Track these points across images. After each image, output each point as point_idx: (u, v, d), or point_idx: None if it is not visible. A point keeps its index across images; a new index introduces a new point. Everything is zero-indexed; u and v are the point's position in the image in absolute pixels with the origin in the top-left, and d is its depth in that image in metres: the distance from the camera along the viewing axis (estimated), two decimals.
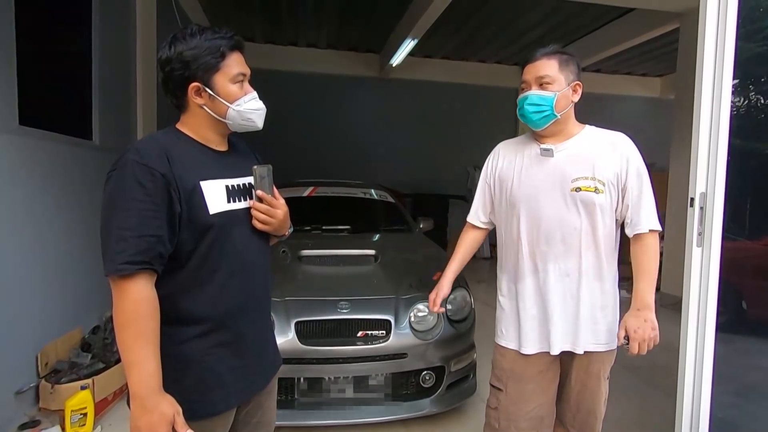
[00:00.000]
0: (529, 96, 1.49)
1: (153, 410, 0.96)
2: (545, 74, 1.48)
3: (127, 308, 0.97)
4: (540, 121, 1.49)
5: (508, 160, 1.61)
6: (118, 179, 1.01)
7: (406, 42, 6.30)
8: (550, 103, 1.47)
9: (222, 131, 1.19)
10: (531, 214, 1.52)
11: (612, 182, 1.48)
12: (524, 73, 1.54)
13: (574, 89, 1.51)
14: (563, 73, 1.49)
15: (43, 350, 2.56)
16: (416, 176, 8.47)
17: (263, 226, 1.21)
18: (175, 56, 1.10)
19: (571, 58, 1.53)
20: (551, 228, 1.49)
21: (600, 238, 1.49)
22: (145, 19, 4.00)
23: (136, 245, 0.97)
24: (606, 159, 1.49)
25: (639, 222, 1.48)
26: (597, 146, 1.51)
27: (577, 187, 1.47)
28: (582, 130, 1.56)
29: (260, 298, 1.26)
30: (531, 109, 1.48)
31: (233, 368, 1.16)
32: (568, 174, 1.48)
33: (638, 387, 3.13)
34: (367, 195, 4.05)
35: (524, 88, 1.53)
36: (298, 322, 2.30)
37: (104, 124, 3.37)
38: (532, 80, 1.50)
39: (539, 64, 1.50)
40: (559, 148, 1.52)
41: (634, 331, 1.39)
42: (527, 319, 1.54)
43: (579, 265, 1.49)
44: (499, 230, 1.66)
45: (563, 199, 1.48)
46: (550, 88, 1.48)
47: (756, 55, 2.35)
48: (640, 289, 1.45)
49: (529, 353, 1.54)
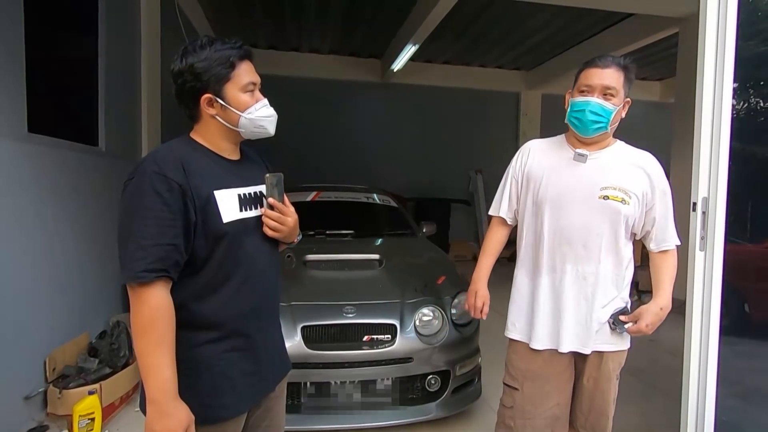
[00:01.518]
0: (591, 103, 1.46)
1: (171, 416, 0.98)
2: (613, 85, 1.46)
3: (145, 315, 0.99)
4: (594, 130, 1.49)
5: (538, 159, 1.63)
6: (136, 188, 1.03)
7: (408, 47, 6.34)
8: (609, 116, 1.46)
9: (235, 140, 1.22)
10: (556, 216, 1.54)
11: (638, 197, 1.52)
12: (589, 76, 1.48)
13: (624, 105, 1.52)
14: (624, 89, 1.49)
15: (51, 355, 2.58)
16: (418, 180, 8.50)
17: (274, 233, 1.23)
18: (186, 68, 1.12)
19: (632, 74, 1.50)
20: (575, 231, 1.53)
21: (621, 247, 1.54)
22: (149, 26, 4.05)
23: (155, 253, 0.99)
24: (634, 175, 1.53)
25: (665, 239, 1.56)
26: (626, 162, 1.55)
27: (606, 195, 1.50)
28: (615, 143, 1.59)
29: (271, 304, 1.29)
30: (591, 117, 1.46)
31: (245, 373, 1.18)
32: (597, 181, 1.51)
33: (643, 390, 3.14)
34: (370, 199, 4.08)
35: (586, 92, 1.48)
36: (304, 326, 2.31)
37: (110, 131, 3.40)
38: (597, 87, 1.46)
39: (609, 73, 1.46)
40: (592, 155, 1.54)
41: (647, 324, 1.48)
42: (539, 315, 1.57)
43: (597, 270, 1.53)
44: (520, 226, 1.68)
45: (590, 204, 1.51)
46: (613, 100, 1.47)
47: (756, 58, 2.37)
48: (665, 291, 1.54)
49: (538, 348, 1.57)
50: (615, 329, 1.54)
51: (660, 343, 4.18)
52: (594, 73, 1.47)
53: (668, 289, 1.55)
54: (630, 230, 1.57)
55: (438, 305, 2.49)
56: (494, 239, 1.77)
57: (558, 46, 7.32)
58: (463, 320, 2.55)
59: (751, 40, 2.12)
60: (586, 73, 1.50)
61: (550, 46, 7.31)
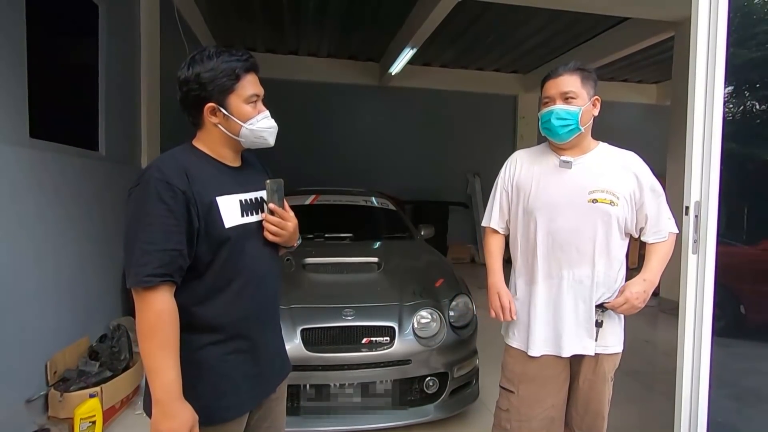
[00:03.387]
0: (555, 111, 1.54)
1: (175, 417, 1.01)
2: (569, 89, 1.54)
3: (150, 318, 1.02)
4: (566, 134, 1.55)
5: (525, 168, 1.67)
6: (141, 195, 1.06)
7: (406, 51, 6.38)
8: (575, 117, 1.53)
9: (236, 148, 1.24)
10: (548, 223, 1.58)
11: (626, 198, 1.56)
12: (547, 88, 1.59)
13: (593, 104, 1.59)
14: (585, 89, 1.56)
15: (52, 359, 2.60)
16: (416, 183, 8.53)
17: (274, 237, 1.26)
18: (192, 77, 1.15)
19: (590, 74, 1.59)
20: (567, 237, 1.56)
21: (612, 248, 1.57)
22: (149, 31, 4.07)
23: (160, 258, 1.02)
24: (620, 177, 1.57)
25: (659, 230, 1.60)
26: (611, 163, 1.60)
27: (594, 199, 1.54)
28: (597, 146, 1.64)
29: (272, 307, 1.32)
30: (558, 123, 1.53)
31: (247, 375, 1.21)
32: (585, 186, 1.56)
33: (639, 391, 3.17)
34: (369, 202, 4.10)
35: (548, 103, 1.58)
36: (303, 329, 2.34)
37: (110, 136, 3.42)
38: (556, 95, 1.56)
39: (562, 80, 1.56)
40: (577, 161, 1.59)
41: (633, 294, 1.52)
42: (537, 322, 1.60)
43: (592, 272, 1.57)
44: (513, 235, 1.72)
45: (580, 209, 1.55)
46: (575, 102, 1.54)
47: (748, 62, 2.41)
48: (653, 265, 1.58)
49: (535, 355, 1.59)
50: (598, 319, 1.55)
51: (655, 345, 4.21)
52: (549, 84, 1.59)
53: (656, 266, 1.59)
54: (623, 231, 1.60)
55: (436, 308, 2.52)
56: (494, 244, 1.79)
57: (555, 50, 7.37)
58: (461, 323, 2.57)
59: (743, 43, 2.16)
60: (544, 88, 1.61)
61: (546, 49, 7.36)
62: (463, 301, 2.63)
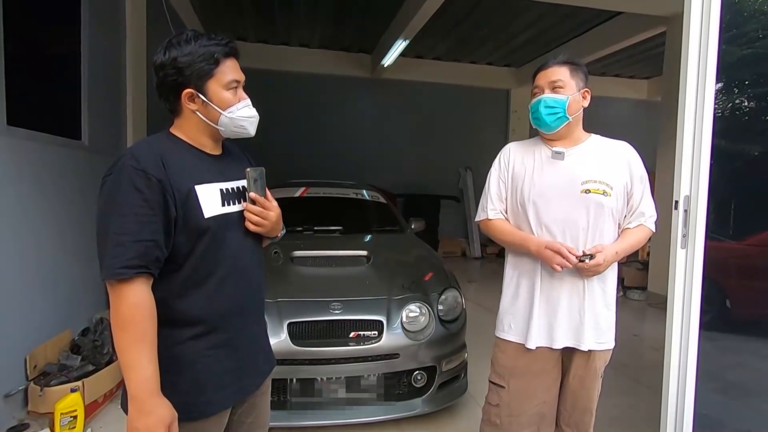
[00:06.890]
0: (543, 99, 1.56)
1: (151, 413, 0.97)
2: (557, 78, 1.56)
3: (124, 312, 0.98)
4: (554, 123, 1.56)
5: (520, 159, 1.66)
6: (114, 184, 1.02)
7: (398, 43, 6.33)
8: (563, 106, 1.54)
9: (216, 136, 1.20)
10: (541, 214, 1.57)
11: (619, 188, 1.56)
12: (537, 79, 1.62)
13: (583, 95, 1.60)
14: (574, 80, 1.57)
15: (32, 353, 2.54)
16: (407, 177, 8.51)
17: (256, 228, 1.22)
18: (169, 62, 1.10)
19: (580, 66, 1.61)
20: (560, 228, 1.55)
21: (605, 239, 1.57)
22: (134, 18, 3.98)
23: (134, 250, 0.98)
24: (614, 167, 1.57)
25: (638, 217, 1.59)
26: (604, 154, 1.60)
27: (587, 189, 1.54)
28: (589, 137, 1.64)
29: (254, 300, 1.28)
30: (545, 111, 1.55)
31: (228, 369, 1.17)
32: (578, 176, 1.55)
33: (627, 385, 3.19)
34: (359, 195, 4.07)
35: (537, 93, 1.60)
36: (290, 323, 2.31)
37: (93, 125, 3.34)
38: (545, 85, 1.58)
39: (551, 71, 1.58)
40: (570, 152, 1.59)
41: (604, 258, 1.49)
42: (535, 315, 1.58)
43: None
44: None
45: (573, 200, 1.54)
46: (563, 91, 1.56)
47: (739, 59, 2.41)
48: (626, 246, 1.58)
49: (532, 348, 1.58)
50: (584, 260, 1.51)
51: (644, 339, 4.25)
52: (539, 75, 1.62)
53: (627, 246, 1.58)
54: (616, 222, 1.59)
55: (425, 302, 2.50)
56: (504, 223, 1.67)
57: (547, 44, 7.37)
58: (450, 316, 2.56)
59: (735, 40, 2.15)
60: (534, 80, 1.63)
61: (539, 43, 7.35)
62: (452, 295, 2.61)
